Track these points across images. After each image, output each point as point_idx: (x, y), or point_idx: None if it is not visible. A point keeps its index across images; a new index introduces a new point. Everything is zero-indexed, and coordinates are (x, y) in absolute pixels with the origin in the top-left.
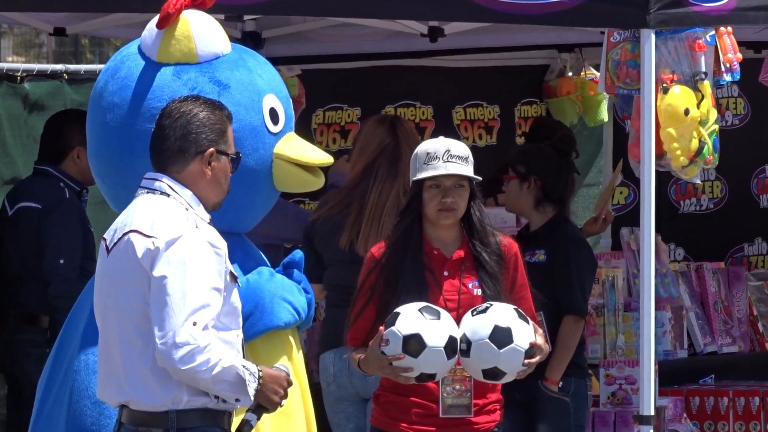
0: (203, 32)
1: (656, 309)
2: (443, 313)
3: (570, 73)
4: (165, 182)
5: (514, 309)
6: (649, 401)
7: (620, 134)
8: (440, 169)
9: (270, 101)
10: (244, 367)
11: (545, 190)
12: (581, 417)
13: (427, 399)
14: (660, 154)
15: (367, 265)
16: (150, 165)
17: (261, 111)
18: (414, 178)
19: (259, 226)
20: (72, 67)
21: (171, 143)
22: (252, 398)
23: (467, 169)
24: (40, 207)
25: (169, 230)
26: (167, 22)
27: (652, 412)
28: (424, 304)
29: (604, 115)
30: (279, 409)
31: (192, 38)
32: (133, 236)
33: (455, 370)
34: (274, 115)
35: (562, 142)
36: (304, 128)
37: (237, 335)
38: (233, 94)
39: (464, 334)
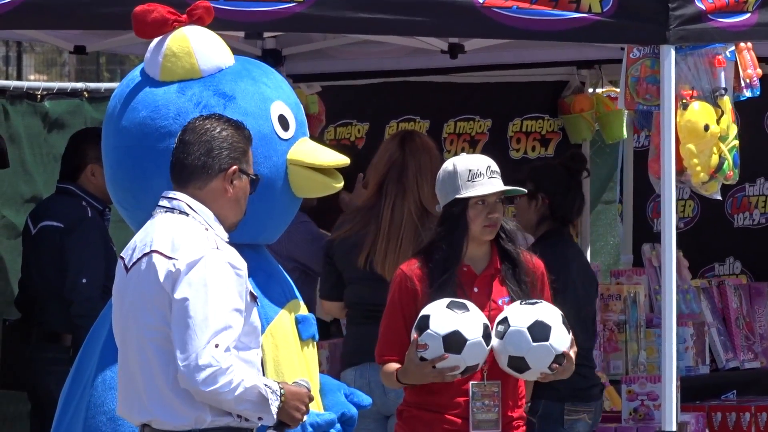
0: (203, 47)
1: (678, 325)
2: (469, 303)
3: (590, 90)
4: (183, 201)
5: (561, 314)
6: (671, 417)
7: (640, 150)
8: (488, 186)
9: (278, 108)
10: (266, 385)
11: (552, 209)
12: None
13: (453, 414)
14: (680, 170)
15: (396, 281)
16: (165, 184)
17: (269, 118)
18: (459, 196)
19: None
20: (92, 85)
21: (195, 158)
22: (275, 416)
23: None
24: (63, 226)
25: (190, 252)
26: (161, 30)
27: (675, 428)
28: (448, 300)
29: (623, 131)
30: None
31: (192, 54)
32: (155, 257)
33: (485, 386)
34: (283, 122)
35: (573, 161)
36: (315, 141)
37: (257, 354)
38: (239, 104)
39: (506, 317)
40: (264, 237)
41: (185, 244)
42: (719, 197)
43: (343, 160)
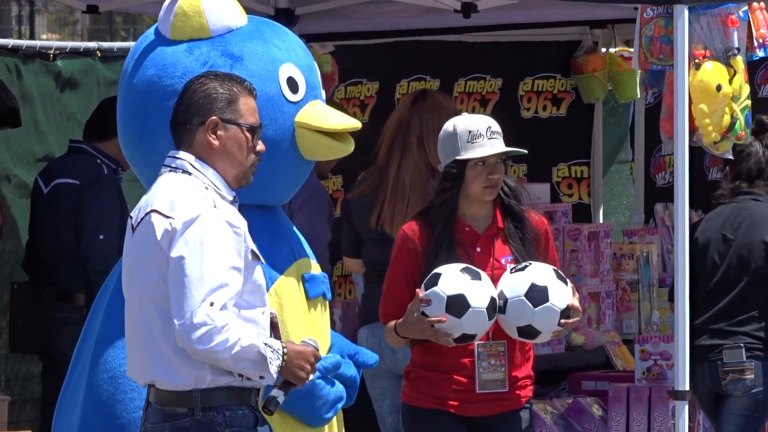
0: (214, 6)
1: None
2: (483, 274)
3: (603, 49)
4: (186, 160)
5: (553, 269)
6: (684, 376)
7: (652, 109)
8: (487, 147)
9: (288, 70)
10: (266, 344)
11: (737, 171)
12: None
13: (459, 374)
14: (692, 130)
15: (398, 242)
16: (169, 142)
17: (277, 80)
18: (459, 158)
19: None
20: (105, 44)
21: (179, 117)
22: (275, 375)
23: (504, 144)
24: (78, 183)
25: (186, 210)
26: None
27: (687, 388)
28: (464, 265)
29: (636, 91)
30: None
31: (202, 13)
32: (153, 216)
33: (491, 345)
34: (292, 84)
35: (756, 126)
36: (329, 104)
37: (262, 312)
38: (246, 65)
39: (501, 291)
40: (272, 198)
41: (183, 203)
42: (730, 156)
43: (354, 123)
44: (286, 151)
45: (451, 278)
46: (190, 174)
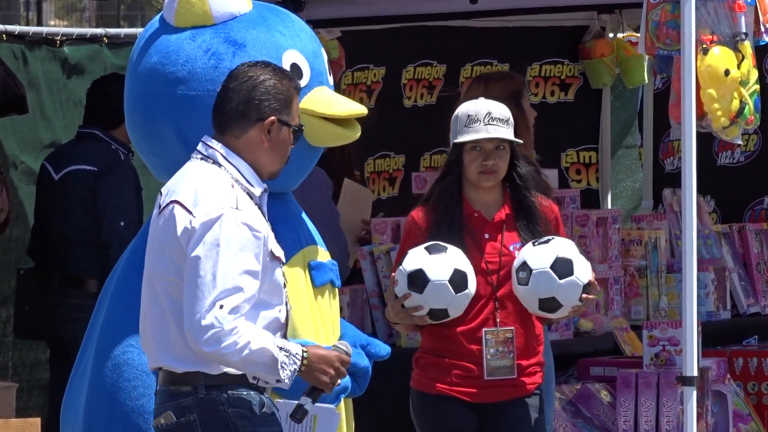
0: None
1: (699, 270)
2: (450, 248)
3: (611, 35)
4: (218, 151)
5: (575, 244)
6: (692, 362)
7: (660, 95)
8: (481, 132)
9: (291, 57)
10: (281, 348)
11: None
12: None
13: (468, 360)
14: (700, 115)
15: (405, 228)
16: (173, 130)
17: None
18: (455, 141)
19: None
20: (112, 30)
21: (233, 106)
22: (287, 380)
23: (508, 132)
24: (96, 170)
25: (208, 209)
26: None
27: (696, 373)
28: (433, 242)
29: (644, 76)
30: None
31: (206, 0)
32: (176, 209)
33: (498, 332)
34: (296, 71)
35: None
36: (335, 90)
37: (279, 311)
38: (249, 52)
39: (524, 262)
40: (278, 185)
41: (205, 200)
42: (740, 141)
43: (359, 109)
44: None
45: (414, 256)
46: (220, 166)
